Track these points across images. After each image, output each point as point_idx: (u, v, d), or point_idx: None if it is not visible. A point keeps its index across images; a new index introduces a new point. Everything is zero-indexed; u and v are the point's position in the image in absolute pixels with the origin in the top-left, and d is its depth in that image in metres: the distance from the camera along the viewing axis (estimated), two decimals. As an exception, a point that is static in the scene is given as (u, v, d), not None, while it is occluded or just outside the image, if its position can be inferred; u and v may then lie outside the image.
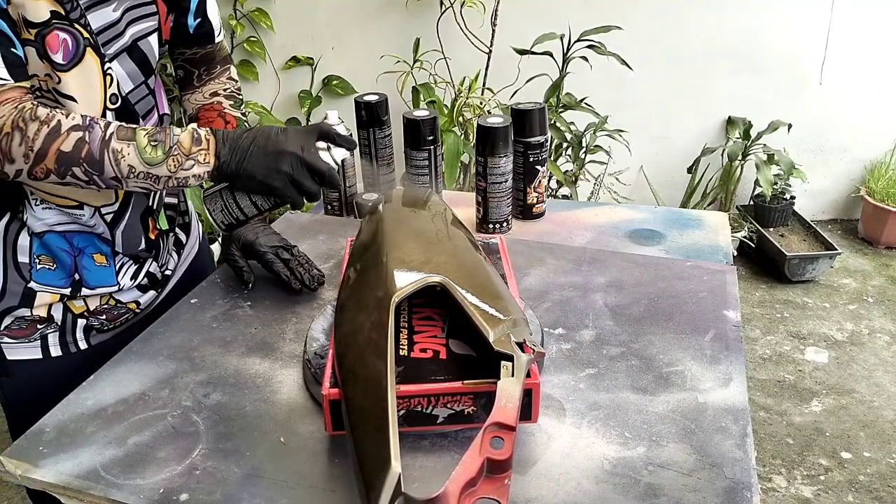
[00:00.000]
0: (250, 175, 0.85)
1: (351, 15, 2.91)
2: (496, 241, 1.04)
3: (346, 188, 1.31)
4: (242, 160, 0.85)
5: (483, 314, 0.73)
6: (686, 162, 2.92)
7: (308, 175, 0.85)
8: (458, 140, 2.33)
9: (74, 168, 0.80)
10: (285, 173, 0.84)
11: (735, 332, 0.93)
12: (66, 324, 0.98)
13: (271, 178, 0.85)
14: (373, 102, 1.29)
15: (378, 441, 0.60)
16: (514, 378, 0.67)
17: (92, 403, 0.83)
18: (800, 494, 1.82)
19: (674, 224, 1.27)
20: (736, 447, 0.74)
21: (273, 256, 1.05)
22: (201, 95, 1.09)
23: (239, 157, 0.85)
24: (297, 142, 0.85)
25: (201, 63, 1.08)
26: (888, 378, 2.22)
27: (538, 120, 1.22)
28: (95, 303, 0.99)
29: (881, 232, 2.97)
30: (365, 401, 0.66)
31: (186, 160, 0.84)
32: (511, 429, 0.61)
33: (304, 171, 0.85)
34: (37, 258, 0.93)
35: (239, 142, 0.86)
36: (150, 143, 0.82)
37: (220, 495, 0.70)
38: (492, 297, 0.77)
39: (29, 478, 0.74)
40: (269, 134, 0.86)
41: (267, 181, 0.85)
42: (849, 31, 2.83)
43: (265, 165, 0.84)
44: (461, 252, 0.86)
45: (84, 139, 0.79)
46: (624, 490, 0.69)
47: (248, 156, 0.85)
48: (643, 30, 2.74)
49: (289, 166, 0.84)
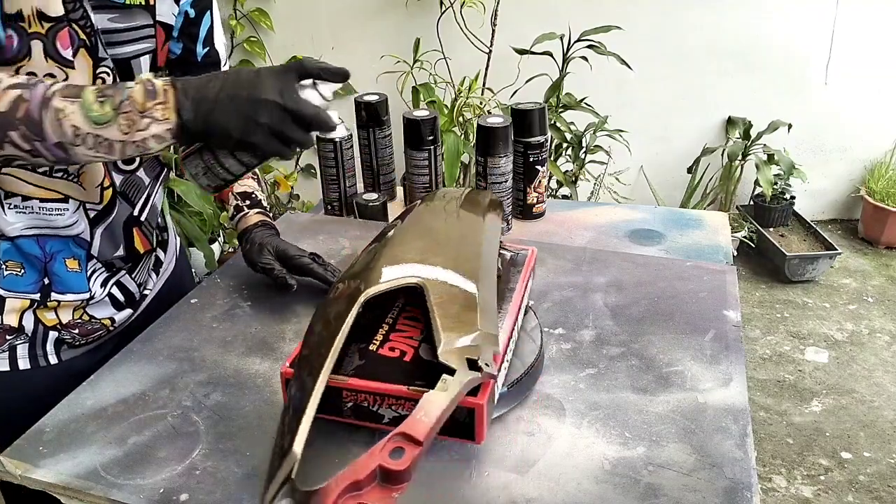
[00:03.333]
0: (223, 132, 0.72)
1: (351, 15, 2.91)
2: (526, 252, 0.98)
3: (347, 188, 1.31)
4: (210, 114, 0.72)
5: (447, 323, 0.70)
6: (686, 162, 2.92)
7: (292, 123, 0.73)
8: (458, 140, 2.33)
9: (11, 132, 0.70)
10: (265, 125, 0.72)
11: (735, 332, 0.93)
12: (37, 335, 0.92)
13: (249, 132, 0.72)
14: (373, 102, 1.29)
15: (293, 424, 0.60)
16: (444, 393, 0.63)
17: (92, 403, 0.83)
18: (800, 494, 1.82)
19: (674, 224, 1.27)
20: (736, 447, 0.74)
21: (310, 260, 1.02)
22: None
23: (206, 111, 0.72)
24: (275, 85, 0.72)
25: None
26: (888, 378, 2.22)
27: (538, 120, 1.22)
28: (68, 316, 0.94)
29: (881, 232, 2.98)
30: (299, 383, 0.66)
31: (141, 118, 0.71)
32: (417, 443, 0.58)
33: (287, 118, 0.72)
34: (3, 263, 0.88)
35: (204, 91, 0.72)
36: (97, 99, 0.71)
37: (220, 495, 0.70)
38: (468, 308, 0.73)
39: (29, 478, 0.74)
40: (238, 78, 0.73)
41: (245, 137, 0.73)
42: (849, 31, 2.83)
43: (239, 118, 0.72)
44: (462, 257, 0.83)
45: (23, 97, 0.70)
46: (624, 490, 0.69)
47: (216, 108, 0.72)
48: (643, 30, 2.74)
49: (268, 116, 0.72)
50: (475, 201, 0.99)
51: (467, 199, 0.99)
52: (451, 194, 1.00)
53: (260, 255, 1.02)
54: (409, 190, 1.27)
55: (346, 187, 1.31)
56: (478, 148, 1.22)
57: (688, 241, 1.21)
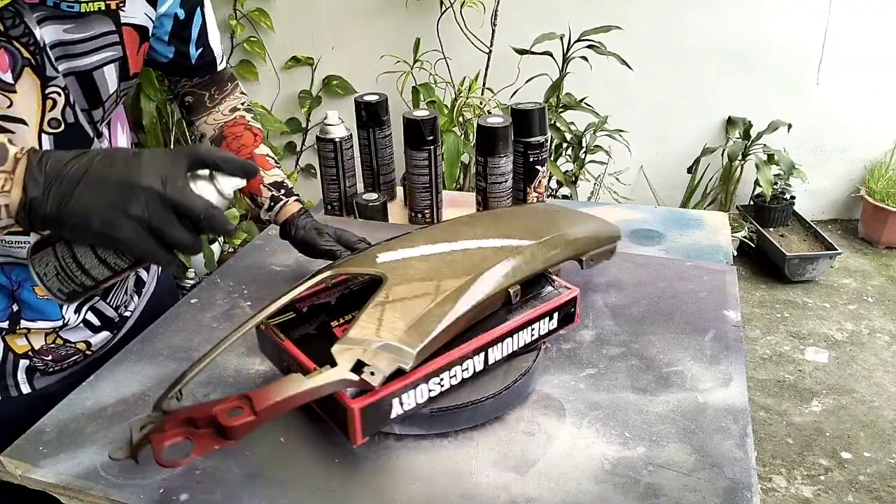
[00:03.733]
0: (81, 221, 0.58)
1: (351, 15, 2.91)
2: (560, 293, 0.83)
3: (347, 188, 1.31)
4: (67, 196, 0.57)
5: (370, 319, 0.69)
6: (686, 162, 2.92)
7: (175, 219, 0.59)
8: (458, 140, 2.33)
9: None
10: (136, 218, 0.58)
11: (735, 332, 0.93)
12: (7, 364, 0.87)
13: (115, 226, 0.58)
14: (373, 102, 1.29)
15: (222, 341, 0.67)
16: (305, 379, 0.62)
17: (92, 403, 0.83)
18: (800, 494, 1.82)
19: (674, 224, 1.27)
20: (736, 447, 0.74)
21: (366, 245, 0.99)
22: (220, 114, 1.03)
23: (62, 192, 0.58)
24: (157, 170, 0.59)
25: (210, 85, 1.02)
26: (888, 378, 2.22)
27: (538, 120, 1.22)
28: (40, 341, 0.88)
29: (881, 232, 2.98)
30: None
31: None
32: (254, 413, 0.59)
33: (168, 214, 0.59)
34: None
35: (64, 168, 0.59)
36: None
37: (220, 495, 0.70)
38: (406, 314, 0.71)
39: (29, 478, 0.74)
40: (113, 157, 0.60)
41: (108, 231, 0.58)
42: (848, 31, 2.83)
43: (103, 205, 0.57)
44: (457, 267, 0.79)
45: None
46: (624, 490, 0.69)
47: (76, 190, 0.57)
48: (643, 30, 2.74)
49: (141, 207, 0.58)
50: (596, 234, 0.95)
51: (595, 224, 0.96)
52: (515, 207, 0.97)
53: (321, 237, 1.00)
54: (409, 190, 1.27)
55: (346, 187, 1.31)
56: (478, 148, 1.22)
57: (688, 241, 1.21)
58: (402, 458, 0.74)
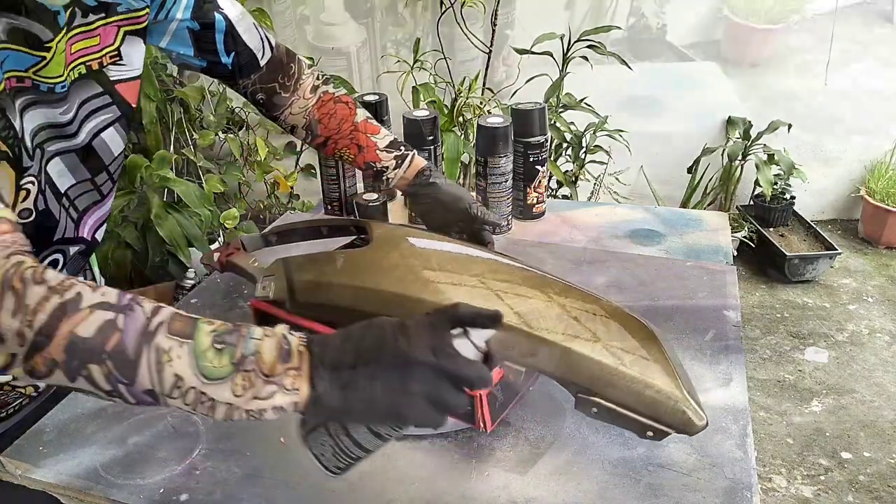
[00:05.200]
0: (367, 407, 0.57)
1: (351, 15, 2.91)
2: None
3: (347, 188, 1.31)
4: (349, 385, 0.56)
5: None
6: (686, 162, 2.92)
7: (450, 387, 0.57)
8: (458, 140, 2.33)
9: (92, 366, 0.52)
10: (419, 394, 0.56)
11: (735, 332, 0.93)
12: None
13: (400, 404, 0.56)
14: (373, 102, 1.29)
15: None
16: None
17: (92, 403, 0.83)
18: (800, 494, 1.82)
19: (674, 224, 1.27)
20: (736, 447, 0.74)
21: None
22: (302, 100, 0.98)
23: (344, 382, 0.56)
24: (426, 342, 0.57)
25: (273, 75, 0.96)
26: (888, 378, 2.22)
27: (538, 120, 1.22)
28: None
29: (881, 232, 2.97)
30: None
31: (265, 384, 0.55)
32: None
33: (444, 382, 0.57)
34: None
35: (340, 356, 0.57)
36: (213, 344, 0.54)
37: (220, 495, 0.70)
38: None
39: (29, 478, 0.74)
40: (381, 336, 0.58)
41: (394, 410, 0.57)
42: (848, 31, 2.83)
43: (386, 389, 0.56)
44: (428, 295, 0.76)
45: (115, 324, 0.53)
46: (624, 490, 0.69)
47: (356, 377, 0.56)
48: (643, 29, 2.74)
49: (422, 382, 0.56)
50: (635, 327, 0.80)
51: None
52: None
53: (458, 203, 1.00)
54: (409, 190, 1.27)
55: (346, 187, 1.31)
56: (478, 148, 1.22)
57: (688, 241, 1.21)
58: (402, 458, 0.74)
